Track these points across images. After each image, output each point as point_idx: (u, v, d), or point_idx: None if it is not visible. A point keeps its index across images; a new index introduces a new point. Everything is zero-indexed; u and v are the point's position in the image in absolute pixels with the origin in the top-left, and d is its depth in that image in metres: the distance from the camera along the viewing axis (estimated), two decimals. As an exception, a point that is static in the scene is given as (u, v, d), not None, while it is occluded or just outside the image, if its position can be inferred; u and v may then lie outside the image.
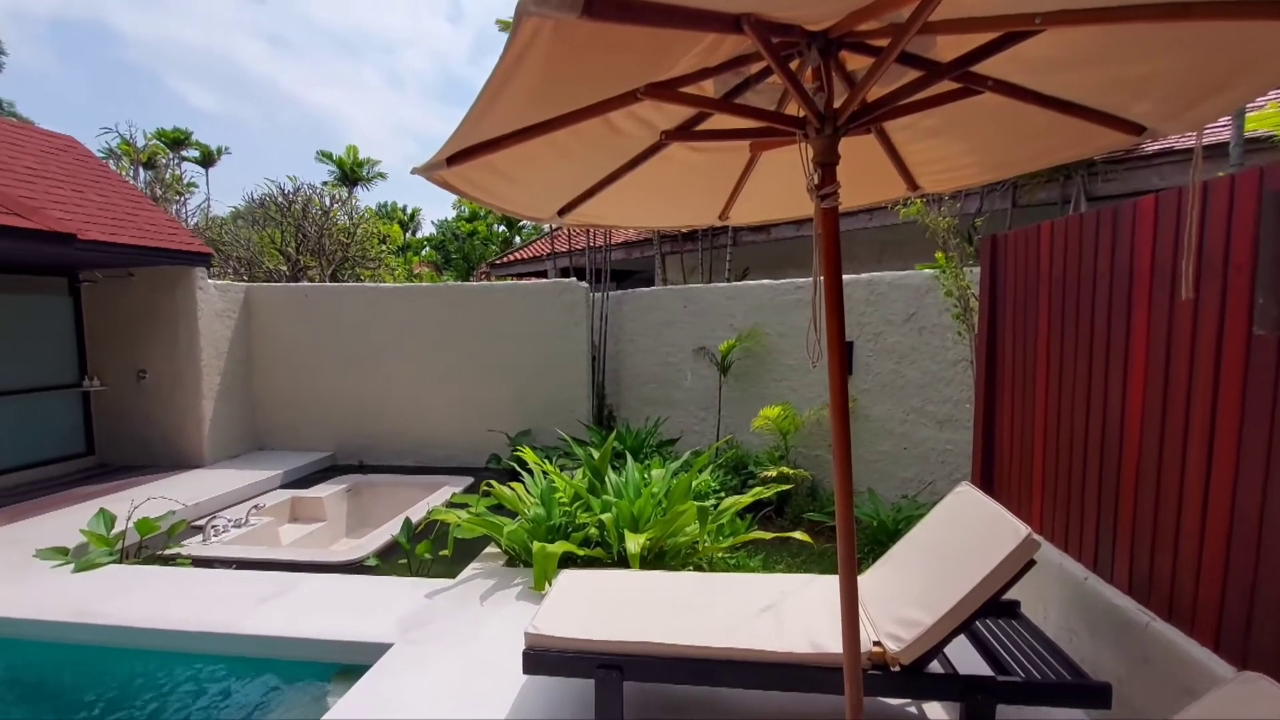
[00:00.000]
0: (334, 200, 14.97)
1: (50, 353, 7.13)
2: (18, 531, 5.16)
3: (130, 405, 7.48)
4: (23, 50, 43.51)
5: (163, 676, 3.50)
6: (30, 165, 6.74)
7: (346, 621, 3.61)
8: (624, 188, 2.05)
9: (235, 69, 61.55)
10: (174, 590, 4.08)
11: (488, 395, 7.51)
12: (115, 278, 7.27)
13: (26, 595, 3.96)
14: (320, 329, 7.82)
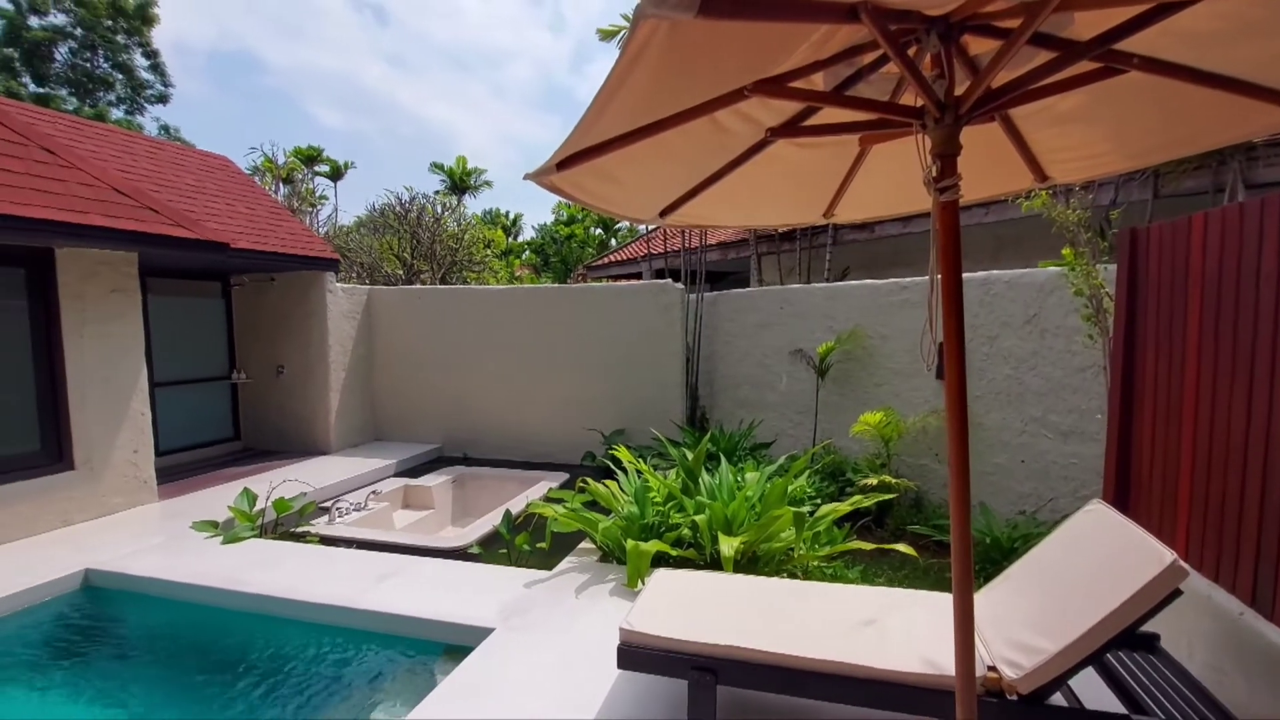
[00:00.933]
0: (444, 208, 15.90)
1: (206, 349, 8.05)
2: (178, 505, 5.86)
3: (269, 397, 8.30)
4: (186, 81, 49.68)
5: (294, 642, 3.84)
6: (191, 182, 7.65)
7: (453, 604, 3.81)
8: (727, 187, 2.04)
9: (360, 89, 66.96)
10: (305, 565, 4.47)
11: (584, 394, 7.69)
12: (259, 282, 8.10)
13: (185, 563, 4.48)
14: (431, 328, 8.33)
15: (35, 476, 5.07)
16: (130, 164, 7.12)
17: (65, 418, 5.27)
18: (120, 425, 5.65)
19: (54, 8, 22.35)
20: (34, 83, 22.57)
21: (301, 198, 17.18)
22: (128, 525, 5.32)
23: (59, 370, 5.22)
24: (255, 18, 55.82)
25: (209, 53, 51.17)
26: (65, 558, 4.55)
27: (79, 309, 5.31)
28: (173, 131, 25.43)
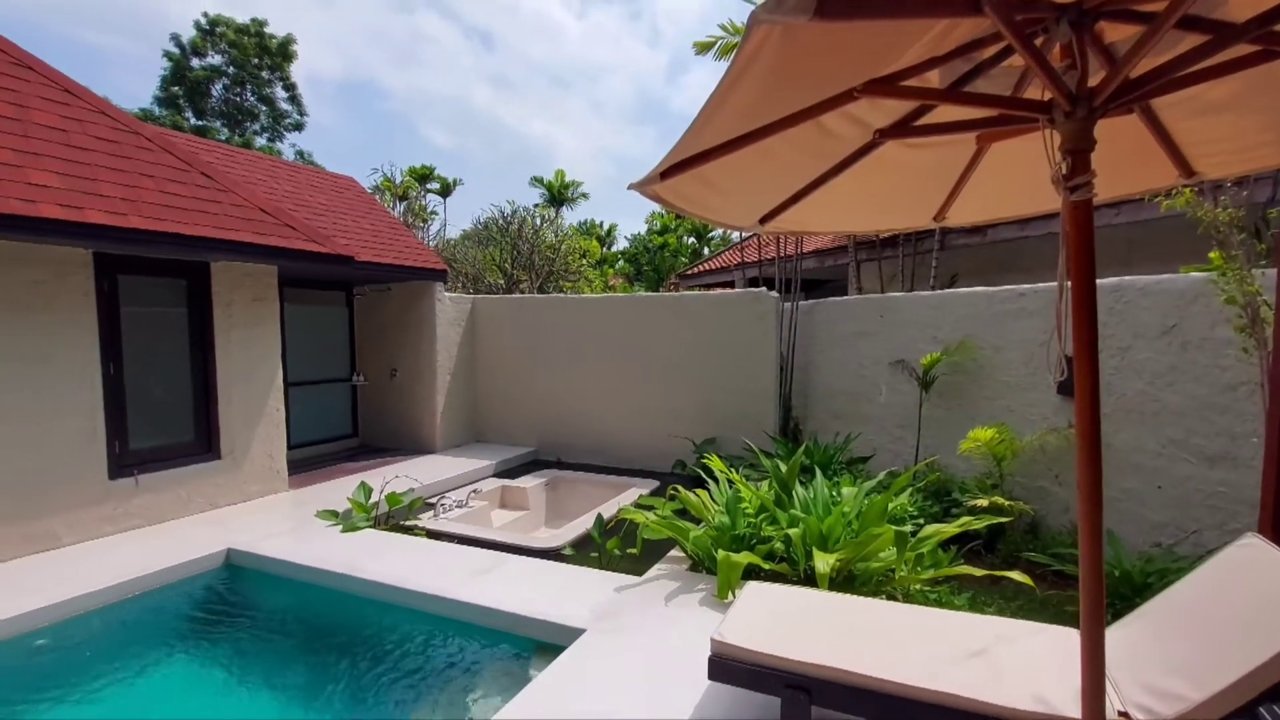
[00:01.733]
0: (543, 220, 16.51)
1: (332, 353, 8.78)
2: (305, 495, 6.41)
3: (383, 398, 8.92)
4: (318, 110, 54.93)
5: (402, 627, 4.09)
6: (323, 201, 8.40)
7: (546, 603, 3.92)
8: (830, 192, 1.99)
9: (467, 110, 71.01)
10: (413, 556, 4.76)
11: (676, 402, 7.71)
12: (378, 291, 8.76)
13: (310, 548, 4.89)
14: (529, 336, 8.65)
15: (189, 464, 5.72)
16: (273, 186, 7.93)
17: (215, 412, 5.92)
18: (259, 420, 6.26)
19: (212, 50, 25.36)
20: (194, 116, 25.65)
21: (415, 213, 18.42)
22: (263, 511, 5.89)
23: (210, 370, 5.87)
24: (378, 49, 60.66)
25: (338, 83, 56.11)
26: (212, 537, 5.10)
27: (227, 315, 5.96)
28: (306, 156, 28.04)
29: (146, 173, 5.23)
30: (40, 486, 4.73)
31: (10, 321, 4.54)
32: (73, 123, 5.03)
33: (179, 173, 5.50)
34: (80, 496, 4.96)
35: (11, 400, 4.56)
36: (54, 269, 4.75)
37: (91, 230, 4.50)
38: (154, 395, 5.57)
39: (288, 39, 26.77)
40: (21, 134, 4.61)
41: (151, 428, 5.53)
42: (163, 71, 25.23)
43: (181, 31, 25.48)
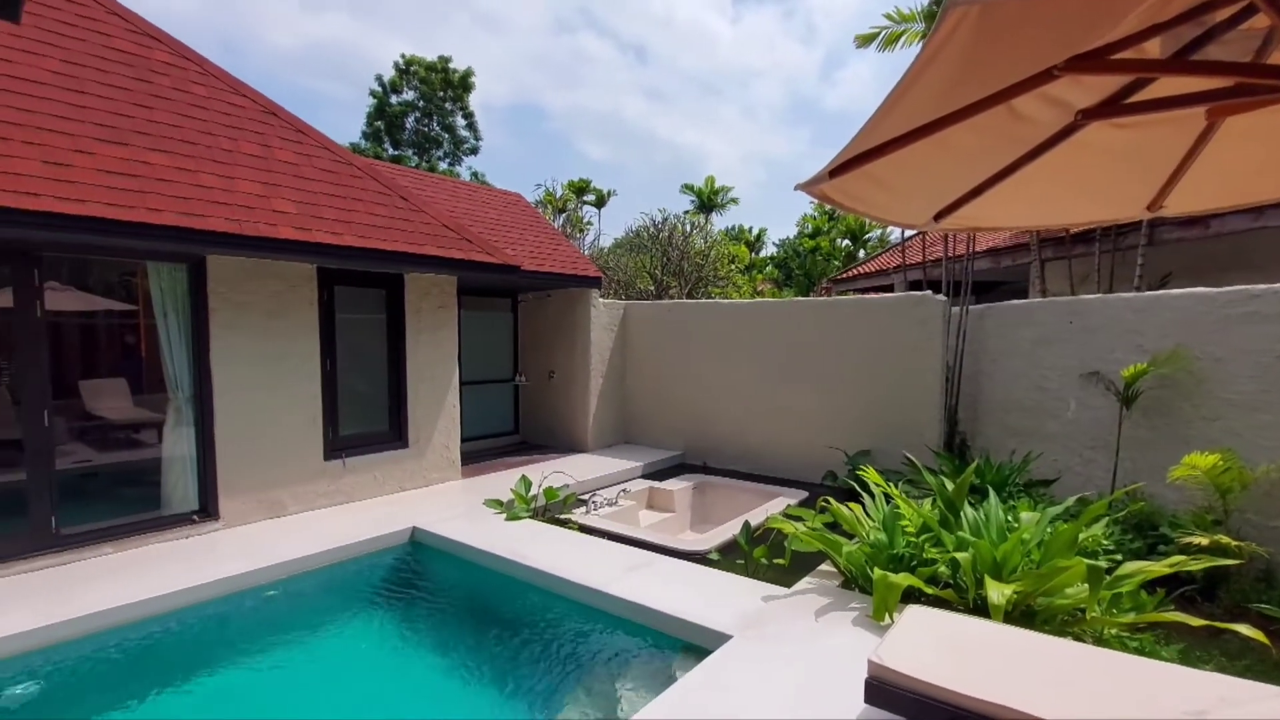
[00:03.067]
0: (693, 227, 16.71)
1: (498, 355, 9.56)
2: (474, 484, 7.05)
3: (541, 398, 9.54)
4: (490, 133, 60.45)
5: (555, 612, 4.35)
6: (494, 216, 9.20)
7: (692, 605, 3.96)
8: (1018, 183, 1.82)
9: (622, 124, 73.95)
10: (567, 548, 5.04)
11: (827, 411, 7.42)
12: (539, 298, 9.41)
13: (480, 532, 5.35)
14: (678, 341, 8.79)
15: (383, 451, 6.53)
16: (454, 205, 8.85)
17: (405, 406, 6.71)
18: (439, 415, 6.99)
19: (406, 87, 28.85)
20: (391, 147, 29.32)
21: (573, 224, 19.53)
22: (441, 496, 6.55)
23: (402, 368, 6.67)
24: (541, 72, 65.20)
25: (506, 108, 61.16)
26: (401, 516, 5.77)
27: (416, 321, 6.73)
28: (480, 176, 30.89)
29: (357, 198, 6.08)
30: (275, 463, 5.66)
31: (259, 325, 5.50)
32: (303, 158, 5.99)
33: (382, 197, 6.32)
34: (302, 473, 5.86)
35: (258, 391, 5.52)
36: (288, 282, 5.68)
37: (317, 248, 5.33)
38: (357, 389, 6.44)
39: (467, 72, 29.68)
40: (266, 169, 5.58)
41: (355, 417, 6.40)
42: (368, 109, 29.14)
43: (385, 73, 29.28)
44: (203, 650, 4.03)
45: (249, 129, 5.74)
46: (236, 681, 3.76)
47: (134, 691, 3.56)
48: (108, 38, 5.33)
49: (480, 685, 3.79)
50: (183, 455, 5.32)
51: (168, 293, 5.15)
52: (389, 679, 3.90)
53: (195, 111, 5.45)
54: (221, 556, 4.75)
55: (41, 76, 4.70)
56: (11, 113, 4.35)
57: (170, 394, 5.32)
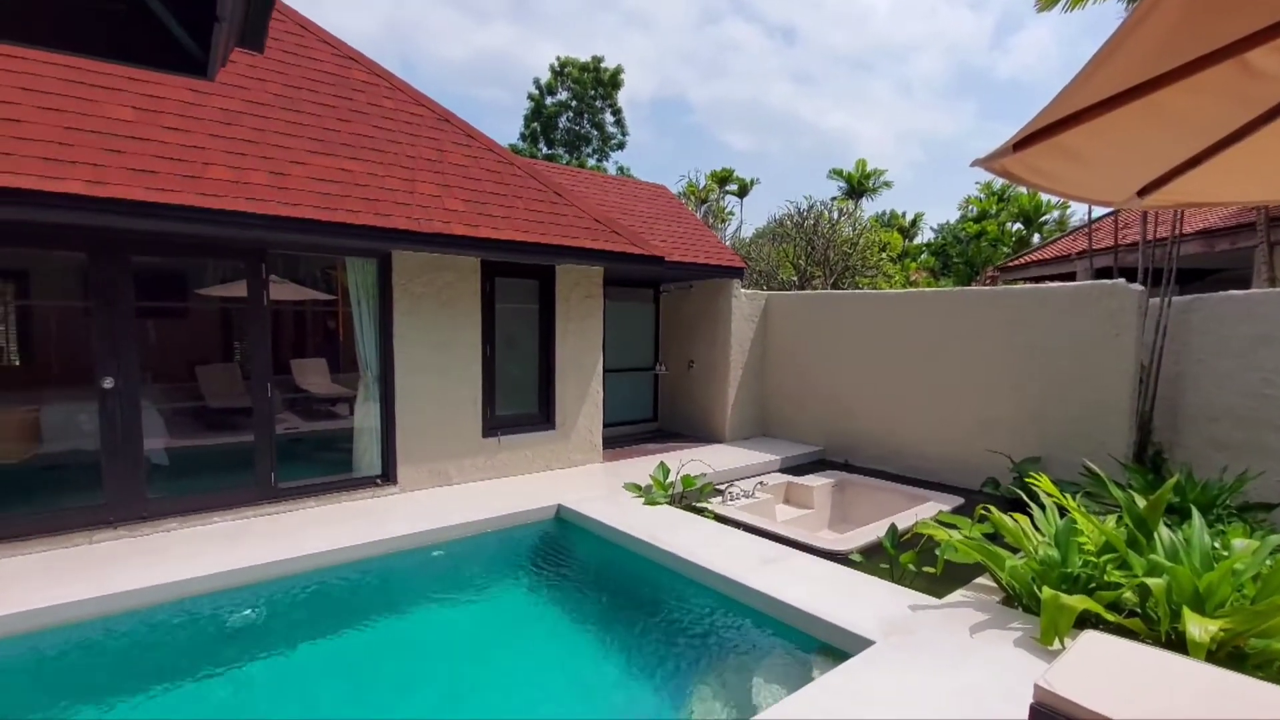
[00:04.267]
0: (841, 213, 15.97)
1: (640, 344, 9.83)
2: (614, 467, 7.33)
3: (680, 387, 9.67)
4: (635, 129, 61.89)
5: (689, 598, 4.42)
6: (641, 209, 9.44)
7: (832, 605, 3.84)
8: (1250, 151, 1.54)
9: (765, 111, 72.23)
10: (703, 536, 5.09)
11: (990, 412, 6.79)
12: (681, 289, 9.52)
13: (619, 514, 5.57)
14: (821, 333, 8.49)
15: (533, 431, 7.00)
16: (603, 198, 9.20)
17: (553, 391, 7.13)
18: (583, 400, 7.35)
19: (560, 88, 30.37)
20: (546, 146, 31.05)
21: (715, 215, 19.47)
22: (583, 477, 6.90)
23: (551, 355, 7.09)
24: (687, 66, 65.46)
25: (650, 103, 62.17)
26: (547, 493, 6.16)
27: (565, 311, 7.12)
28: (626, 170, 31.80)
29: (517, 195, 6.55)
30: (443, 437, 6.29)
31: (432, 313, 6.12)
32: (471, 160, 6.54)
33: (539, 193, 6.74)
34: (464, 448, 6.45)
35: (430, 373, 6.16)
36: (458, 274, 6.26)
37: (482, 242, 5.82)
38: (511, 374, 6.95)
39: (617, 70, 30.59)
40: (440, 171, 6.17)
41: (509, 400, 6.92)
42: (525, 111, 31.05)
43: (541, 76, 31.03)
44: (383, 595, 4.62)
45: (426, 136, 6.39)
46: (408, 624, 4.26)
47: (331, 624, 4.16)
48: (318, 62, 6.18)
49: (611, 658, 3.96)
50: (370, 427, 6.08)
51: (361, 284, 5.90)
52: (529, 641, 4.21)
53: (384, 122, 6.16)
54: (399, 517, 5.38)
55: (267, 99, 5.56)
56: (247, 131, 5.20)
57: (361, 373, 6.10)
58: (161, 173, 4.47)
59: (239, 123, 5.22)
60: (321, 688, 3.56)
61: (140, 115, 4.75)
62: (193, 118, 5.01)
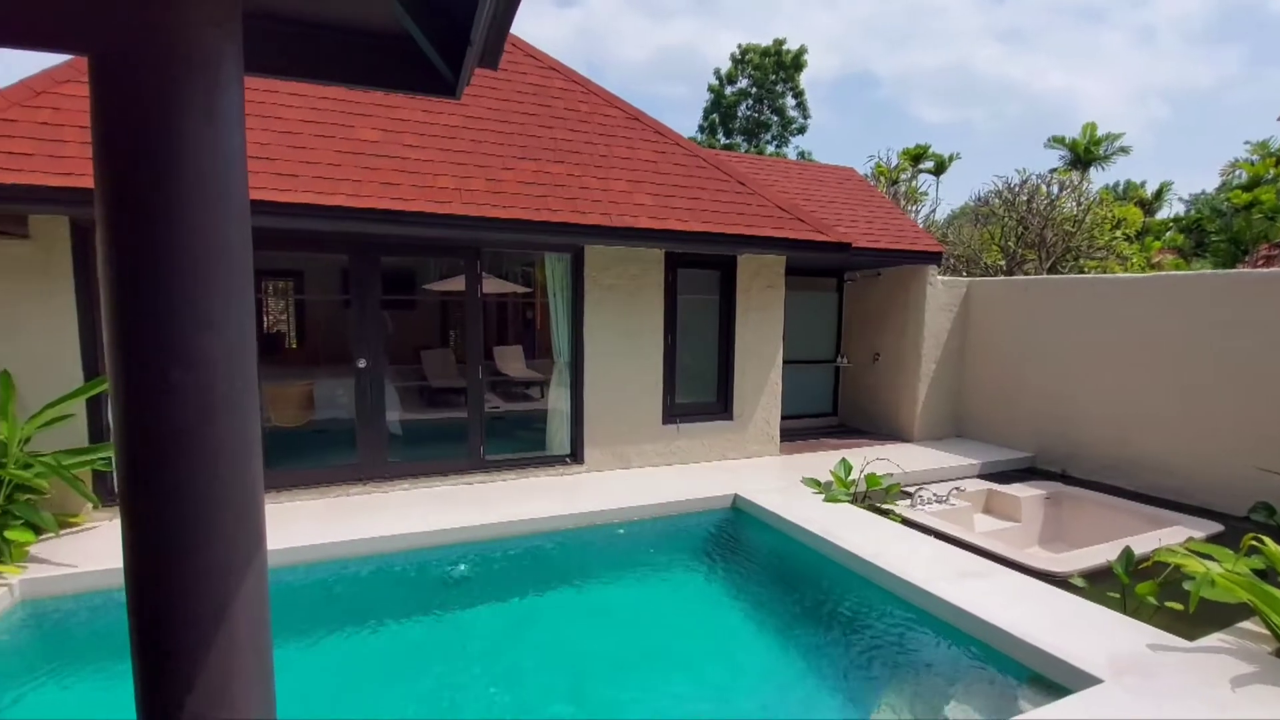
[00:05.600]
0: (1062, 187, 13.96)
1: (820, 335, 9.49)
2: (791, 461, 7.19)
3: (863, 381, 9.17)
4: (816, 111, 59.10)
5: (872, 603, 4.21)
6: (826, 194, 9.08)
7: (1047, 632, 3.43)
8: None
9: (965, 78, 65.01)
10: (888, 539, 4.82)
11: (1261, 423, 5.55)
12: (868, 277, 9.01)
13: (796, 508, 5.46)
14: (1034, 324, 7.53)
15: (710, 420, 7.10)
16: (785, 185, 8.99)
17: (730, 380, 7.17)
18: (761, 391, 7.29)
19: (740, 75, 30.04)
20: (724, 136, 30.98)
21: (908, 196, 18.07)
22: (759, 468, 6.87)
23: (730, 345, 7.13)
24: (874, 38, 61.03)
25: (832, 82, 58.94)
26: (725, 482, 6.23)
27: (745, 301, 7.11)
28: (806, 155, 30.67)
29: (702, 186, 6.65)
30: (625, 422, 6.63)
31: (620, 304, 6.47)
32: (660, 155, 6.77)
33: (722, 183, 6.79)
34: (644, 433, 6.75)
35: (616, 360, 6.52)
36: (644, 265, 6.54)
37: (668, 235, 6.01)
38: (690, 363, 7.11)
39: (800, 50, 29.50)
40: (631, 168, 6.46)
41: (688, 388, 7.08)
42: (704, 103, 31.19)
43: (721, 66, 30.95)
44: (572, 564, 5.02)
45: (619, 135, 6.73)
46: (592, 593, 4.59)
47: (527, 583, 4.63)
48: (524, 75, 6.78)
49: (785, 654, 3.90)
50: (561, 409, 6.61)
51: (557, 277, 6.42)
52: (701, 624, 4.30)
53: (581, 125, 6.61)
54: (586, 494, 5.79)
55: (483, 113, 6.22)
56: (467, 144, 5.88)
57: (554, 359, 6.63)
58: (403, 185, 5.23)
59: (460, 136, 5.92)
60: (516, 639, 3.97)
61: (385, 135, 5.58)
62: (425, 135, 5.77)
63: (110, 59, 0.83)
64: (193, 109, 0.85)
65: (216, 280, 0.91)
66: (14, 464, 4.20)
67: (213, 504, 0.94)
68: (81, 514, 4.82)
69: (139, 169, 0.84)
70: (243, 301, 0.98)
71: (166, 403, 0.88)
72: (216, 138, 0.88)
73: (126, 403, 0.90)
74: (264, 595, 1.07)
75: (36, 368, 4.65)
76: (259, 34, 1.34)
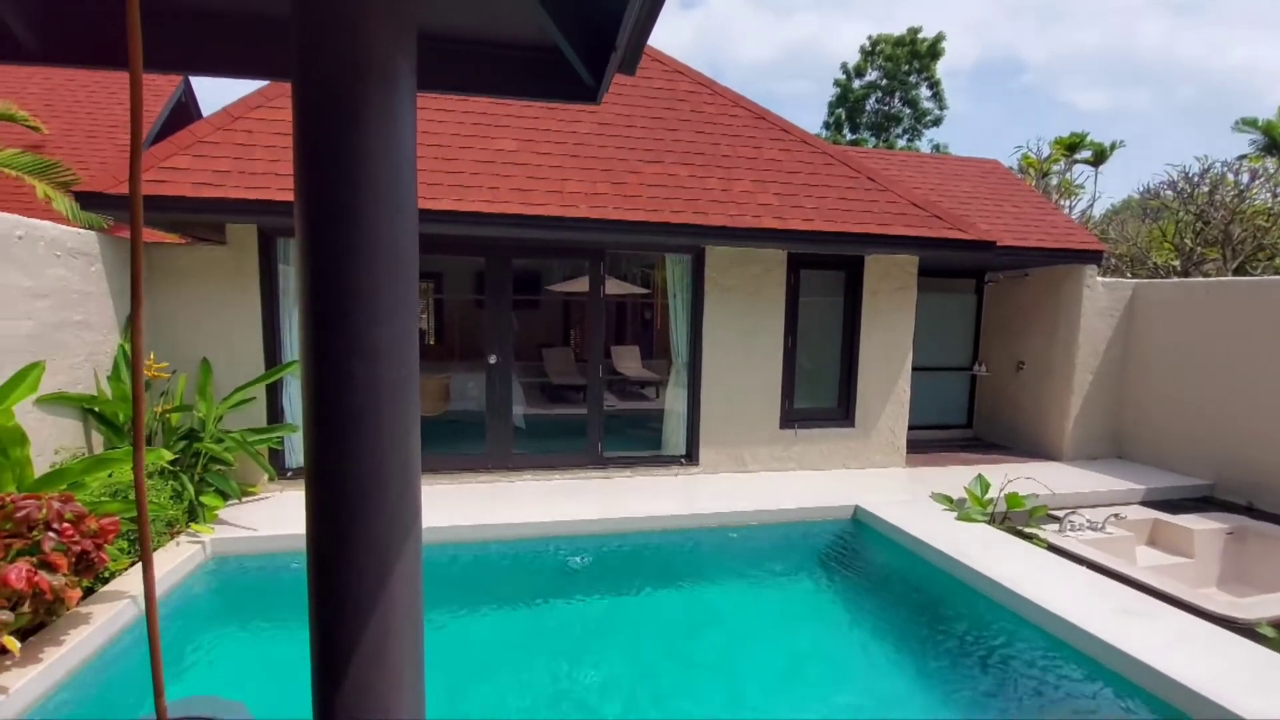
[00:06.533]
0: (1253, 176, 12.06)
1: (955, 341, 8.84)
2: (918, 474, 6.76)
3: (1004, 391, 8.43)
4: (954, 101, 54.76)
5: (1018, 636, 3.84)
6: (966, 189, 8.45)
7: (1236, 690, 2.97)
8: None
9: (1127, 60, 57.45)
10: (1030, 565, 4.38)
11: None
12: (1013, 278, 8.27)
13: (926, 526, 5.10)
14: (1214, 332, 6.56)
15: (830, 427, 6.84)
16: (920, 180, 8.48)
17: (854, 386, 6.87)
18: (888, 399, 6.92)
19: (870, 68, 28.67)
20: (850, 132, 29.71)
21: (1060, 189, 16.38)
22: (883, 479, 6.52)
23: (854, 350, 6.83)
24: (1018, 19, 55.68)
25: (970, 71, 54.37)
26: (844, 492, 5.97)
27: (873, 303, 6.78)
28: (942, 148, 28.68)
29: (829, 184, 6.43)
30: (742, 424, 6.56)
31: (739, 305, 6.42)
32: (786, 153, 6.63)
33: (851, 180, 6.53)
34: (761, 437, 6.63)
35: (734, 362, 6.46)
36: (766, 266, 6.43)
37: (792, 234, 5.89)
38: (810, 367, 6.88)
39: (937, 38, 27.66)
40: (755, 168, 6.38)
41: (807, 393, 6.87)
42: (829, 99, 30.07)
43: (849, 60, 29.70)
44: (686, 563, 5.03)
45: (744, 135, 6.67)
46: (704, 594, 4.58)
47: (637, 580, 4.70)
48: (650, 79, 6.89)
49: (910, 683, 3.65)
50: (678, 410, 6.64)
51: (677, 279, 6.46)
52: (815, 639, 4.14)
53: (706, 127, 6.61)
54: (702, 495, 5.79)
55: (610, 119, 6.40)
56: (594, 149, 6.08)
57: (671, 359, 6.68)
58: (535, 190, 5.50)
59: (589, 142, 6.13)
60: (631, 633, 4.04)
61: (520, 144, 5.90)
62: (555, 142, 6.03)
63: (309, 83, 0.94)
64: (374, 123, 0.94)
65: (388, 279, 1.00)
66: (210, 439, 4.89)
67: (378, 481, 1.04)
68: (258, 485, 5.51)
69: (329, 178, 0.94)
70: (409, 298, 1.08)
71: (345, 389, 0.98)
72: (392, 148, 0.97)
73: (314, 388, 1.02)
74: (418, 567, 1.16)
75: (228, 355, 5.38)
76: (428, 53, 1.47)
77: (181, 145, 5.01)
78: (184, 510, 4.50)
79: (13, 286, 3.94)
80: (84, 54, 1.54)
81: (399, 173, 1.01)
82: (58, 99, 9.70)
